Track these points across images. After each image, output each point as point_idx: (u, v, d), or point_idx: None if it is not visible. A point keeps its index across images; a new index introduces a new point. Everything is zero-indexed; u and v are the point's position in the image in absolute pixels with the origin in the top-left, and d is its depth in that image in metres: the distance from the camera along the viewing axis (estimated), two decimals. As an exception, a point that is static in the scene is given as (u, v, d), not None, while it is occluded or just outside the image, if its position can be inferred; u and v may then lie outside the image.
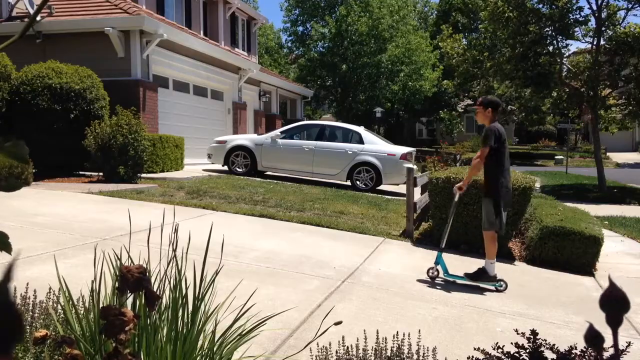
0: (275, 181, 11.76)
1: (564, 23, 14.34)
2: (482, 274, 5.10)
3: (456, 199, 5.36)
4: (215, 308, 2.26)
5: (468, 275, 5.12)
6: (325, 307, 3.80)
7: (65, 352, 1.07)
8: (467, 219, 6.54)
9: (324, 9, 32.03)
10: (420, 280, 5.08)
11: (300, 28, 32.96)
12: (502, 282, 5.06)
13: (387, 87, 29.01)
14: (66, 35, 11.51)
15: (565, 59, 15.39)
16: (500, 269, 6.03)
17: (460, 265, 5.97)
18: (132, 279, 0.95)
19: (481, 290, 4.98)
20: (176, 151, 11.79)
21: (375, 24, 28.07)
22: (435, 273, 5.12)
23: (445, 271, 5.13)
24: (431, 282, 5.09)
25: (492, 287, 5.06)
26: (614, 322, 0.63)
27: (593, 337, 0.65)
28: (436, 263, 5.14)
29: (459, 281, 5.13)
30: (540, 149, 36.38)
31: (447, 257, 6.27)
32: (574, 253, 6.19)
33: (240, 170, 12.35)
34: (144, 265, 1.11)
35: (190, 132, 13.92)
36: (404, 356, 2.48)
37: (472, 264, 6.12)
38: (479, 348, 2.00)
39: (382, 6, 28.47)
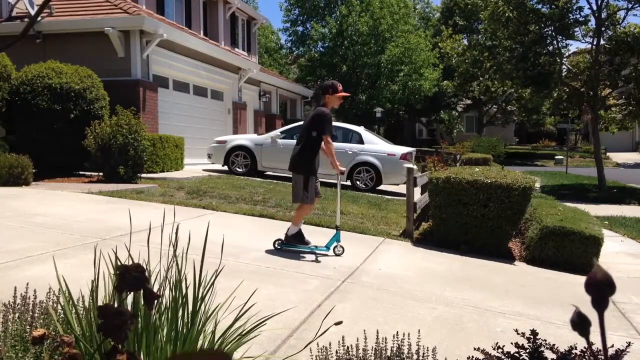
0: (275, 181, 11.76)
1: (564, 23, 14.35)
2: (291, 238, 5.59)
3: (339, 179, 6.24)
4: (216, 308, 2.26)
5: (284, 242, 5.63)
6: (325, 307, 3.80)
7: (64, 352, 1.07)
8: (467, 219, 6.54)
9: (323, 8, 32.03)
10: (419, 280, 5.08)
11: (300, 28, 32.97)
12: (315, 246, 5.59)
13: (387, 87, 29.01)
14: (66, 35, 11.51)
15: (565, 59, 15.38)
16: (500, 269, 6.03)
17: (461, 265, 5.98)
18: (131, 278, 0.95)
19: (481, 290, 4.98)
20: (176, 151, 11.79)
21: (375, 24, 28.08)
22: (341, 250, 5.54)
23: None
24: (431, 282, 5.09)
25: (308, 250, 5.57)
26: (600, 304, 0.63)
27: (580, 321, 0.65)
28: (337, 241, 5.55)
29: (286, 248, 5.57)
30: (540, 149, 36.42)
31: (448, 257, 6.27)
32: (574, 253, 6.19)
33: (240, 170, 12.35)
34: (144, 265, 1.11)
35: (190, 132, 13.92)
36: (404, 356, 2.48)
37: (468, 264, 6.13)
38: (479, 348, 1.99)
39: (383, 6, 28.48)
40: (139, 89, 11.45)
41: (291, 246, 5.59)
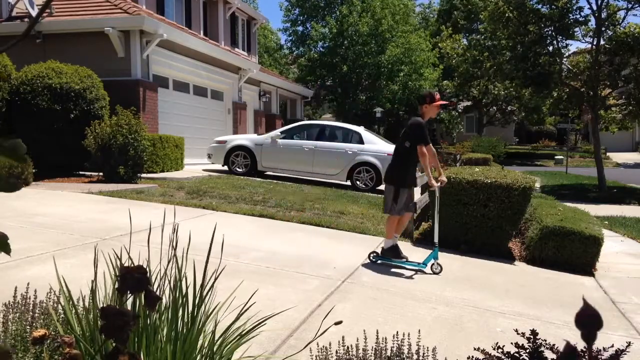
0: (275, 181, 11.76)
1: (564, 23, 14.35)
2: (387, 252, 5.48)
3: (437, 194, 5.65)
4: (215, 308, 2.26)
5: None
6: (325, 307, 3.80)
7: (64, 352, 1.07)
8: (467, 219, 6.54)
9: (323, 8, 32.02)
10: (419, 280, 5.08)
11: (300, 28, 32.96)
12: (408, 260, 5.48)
13: (387, 87, 29.01)
14: (66, 35, 11.51)
15: (565, 59, 15.38)
16: (500, 269, 6.03)
17: (461, 265, 5.97)
18: (133, 280, 0.95)
19: (481, 290, 4.98)
20: (176, 151, 11.79)
21: (376, 24, 28.07)
22: (439, 268, 5.35)
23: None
24: (431, 282, 5.09)
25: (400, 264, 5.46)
26: (589, 338, 0.67)
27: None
28: (435, 258, 5.39)
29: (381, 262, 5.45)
30: (540, 149, 36.42)
31: (448, 256, 6.27)
32: (574, 253, 6.19)
33: (240, 170, 12.35)
34: (144, 266, 1.11)
35: (190, 132, 13.92)
36: (404, 356, 2.48)
37: (468, 264, 6.14)
38: (479, 348, 2.00)
39: (385, 6, 28.48)
40: (139, 89, 11.45)
41: (386, 259, 5.48)
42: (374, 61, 28.44)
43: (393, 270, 5.34)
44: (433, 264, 5.38)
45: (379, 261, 5.47)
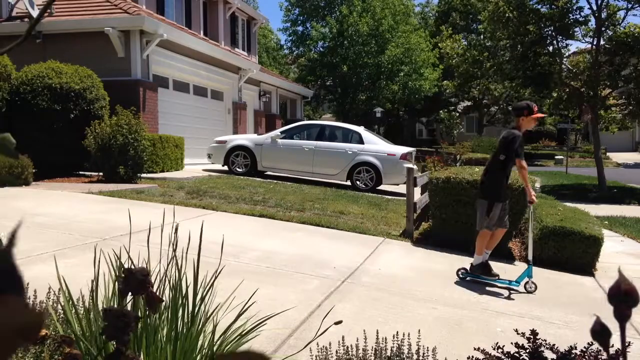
0: (275, 181, 11.76)
1: (564, 23, 14.34)
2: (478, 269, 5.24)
3: (531, 209, 5.58)
4: (215, 308, 2.26)
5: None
6: (325, 307, 3.80)
7: (65, 352, 1.07)
8: (467, 219, 6.54)
9: (324, 8, 32.03)
10: (419, 280, 5.09)
11: (300, 28, 32.97)
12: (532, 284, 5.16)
13: (388, 87, 29.02)
14: (66, 35, 11.51)
15: (565, 59, 15.38)
16: (500, 269, 6.03)
17: (461, 265, 5.97)
18: (135, 282, 0.95)
19: (481, 290, 4.98)
20: (176, 151, 11.79)
21: (376, 24, 28.07)
22: (533, 287, 5.12)
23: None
24: (431, 282, 5.09)
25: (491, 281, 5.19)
26: (622, 316, 0.61)
27: (600, 330, 0.63)
28: (529, 276, 5.15)
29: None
30: (540, 149, 36.41)
31: (448, 257, 6.27)
32: (574, 253, 6.19)
33: (240, 170, 12.35)
34: (145, 266, 1.11)
35: (190, 132, 13.92)
36: (404, 356, 2.49)
37: (465, 263, 6.13)
38: (479, 348, 2.00)
39: (385, 6, 28.48)
40: (139, 89, 11.45)
41: (475, 277, 5.25)
42: (374, 61, 28.45)
43: (393, 270, 5.34)
44: (527, 282, 5.13)
45: (467, 278, 5.25)
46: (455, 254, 6.40)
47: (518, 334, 2.03)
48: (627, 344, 1.75)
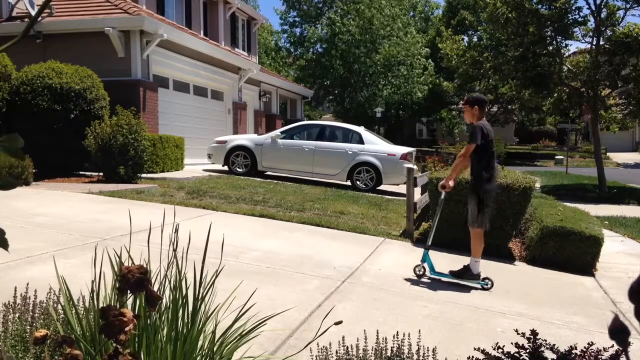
0: (276, 181, 11.76)
1: (563, 23, 14.33)
2: (465, 272, 5.11)
3: (442, 197, 5.35)
4: (216, 308, 2.26)
5: (453, 273, 5.14)
6: (326, 307, 3.80)
7: (65, 352, 1.07)
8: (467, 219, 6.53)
9: (320, 9, 32.08)
10: (419, 280, 5.08)
11: (298, 30, 33.09)
12: (487, 281, 5.07)
13: (385, 87, 29.06)
14: (66, 35, 11.51)
15: (565, 59, 15.38)
16: (500, 269, 6.03)
17: (459, 265, 5.97)
18: (133, 280, 0.95)
19: (481, 290, 4.98)
20: (176, 151, 11.79)
21: (365, 24, 28.05)
22: (422, 271, 5.13)
23: (432, 269, 5.13)
24: (431, 282, 5.09)
25: (478, 286, 5.06)
26: None
27: (618, 330, 0.61)
28: (422, 261, 5.15)
29: (444, 279, 5.13)
30: (541, 149, 36.42)
31: (448, 256, 6.27)
32: (574, 253, 6.19)
33: (241, 170, 12.35)
34: (145, 266, 1.11)
35: (190, 132, 13.92)
36: (404, 356, 2.49)
37: (465, 263, 6.12)
38: (479, 348, 2.00)
39: (372, 5, 28.45)
40: (139, 89, 11.45)
41: (438, 275, 5.13)
42: (367, 62, 28.49)
43: (393, 270, 5.34)
44: (417, 265, 5.16)
45: (430, 276, 5.16)
46: (456, 254, 6.40)
47: (518, 334, 2.02)
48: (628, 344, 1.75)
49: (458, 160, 5.17)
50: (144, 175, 9.95)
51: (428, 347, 2.54)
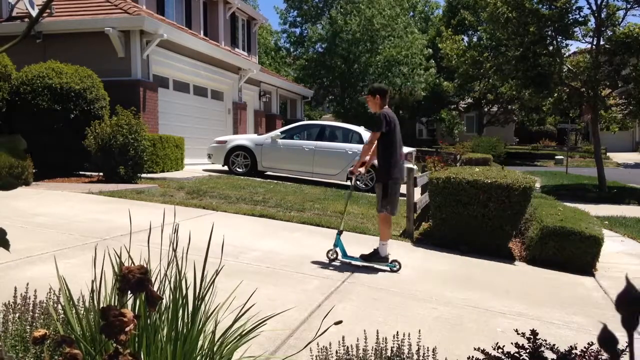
0: (276, 181, 11.76)
1: (564, 23, 14.33)
2: (375, 255, 5.29)
3: (352, 182, 5.63)
4: (216, 308, 2.26)
5: (363, 257, 5.32)
6: (325, 307, 3.80)
7: (64, 352, 1.07)
8: (467, 219, 6.54)
9: (322, 8, 32.07)
10: (420, 281, 5.08)
11: (298, 30, 33.10)
12: (395, 263, 5.26)
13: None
14: (66, 35, 11.51)
15: (565, 59, 15.38)
16: (500, 269, 6.03)
17: (461, 265, 5.97)
18: (134, 280, 0.95)
19: (481, 290, 4.98)
20: (176, 151, 11.79)
21: (366, 24, 28.05)
22: (334, 255, 5.28)
23: (344, 253, 5.30)
24: (431, 282, 5.09)
25: (387, 268, 5.24)
26: (630, 323, 0.58)
27: (607, 339, 0.61)
28: (335, 245, 5.30)
29: (354, 262, 5.29)
30: (541, 149, 36.41)
31: (448, 257, 6.27)
32: (574, 253, 6.19)
33: (241, 170, 12.35)
34: (145, 266, 1.11)
35: (190, 132, 13.92)
36: (404, 356, 2.49)
37: (468, 264, 6.13)
38: (479, 348, 2.00)
39: (372, 5, 28.46)
40: (139, 89, 11.45)
41: (351, 259, 5.31)
42: (368, 62, 28.50)
43: (393, 270, 5.34)
44: (330, 250, 5.30)
45: (343, 259, 5.38)
46: (455, 254, 6.40)
47: (518, 334, 2.02)
48: (627, 344, 1.74)
49: (365, 147, 5.41)
50: (144, 175, 9.95)
51: (428, 347, 2.54)
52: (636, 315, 0.57)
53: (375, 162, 5.51)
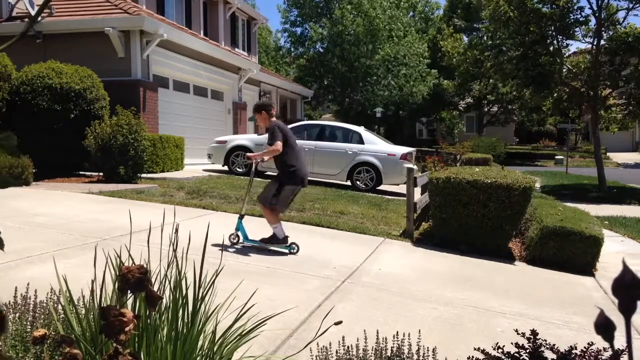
0: (276, 181, 11.75)
1: (565, 23, 14.34)
2: (273, 238, 5.53)
3: (253, 168, 6.01)
4: (216, 308, 2.26)
5: (263, 240, 5.56)
6: (326, 307, 3.80)
7: (65, 352, 1.07)
8: (467, 219, 6.54)
9: (322, 8, 32.05)
10: (420, 281, 5.08)
11: (299, 29, 33.06)
12: (294, 246, 5.51)
13: (386, 87, 29.07)
14: (66, 35, 11.51)
15: (565, 59, 15.38)
16: (500, 269, 6.03)
17: (461, 265, 5.97)
18: (133, 280, 0.95)
19: (481, 290, 4.98)
20: (176, 151, 11.79)
21: (370, 26, 28.06)
22: (236, 239, 5.54)
23: (245, 237, 5.54)
24: (431, 282, 5.09)
25: (286, 250, 5.48)
26: (627, 308, 0.58)
27: (604, 324, 0.61)
28: (237, 229, 5.54)
29: (256, 245, 5.52)
30: (541, 149, 36.41)
31: (448, 257, 6.27)
32: (574, 253, 6.19)
33: (241, 170, 12.35)
34: (145, 265, 1.11)
35: (190, 132, 13.92)
36: (404, 356, 2.49)
37: (468, 264, 6.14)
38: (479, 348, 2.00)
39: (375, 6, 28.48)
40: (139, 89, 11.45)
41: (252, 242, 5.60)
42: (368, 62, 28.49)
43: (393, 270, 5.34)
44: (232, 234, 5.51)
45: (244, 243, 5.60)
46: (456, 254, 6.40)
47: (518, 334, 2.02)
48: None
49: (269, 149, 5.64)
50: (144, 175, 9.95)
51: (428, 347, 2.54)
52: (633, 299, 0.57)
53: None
